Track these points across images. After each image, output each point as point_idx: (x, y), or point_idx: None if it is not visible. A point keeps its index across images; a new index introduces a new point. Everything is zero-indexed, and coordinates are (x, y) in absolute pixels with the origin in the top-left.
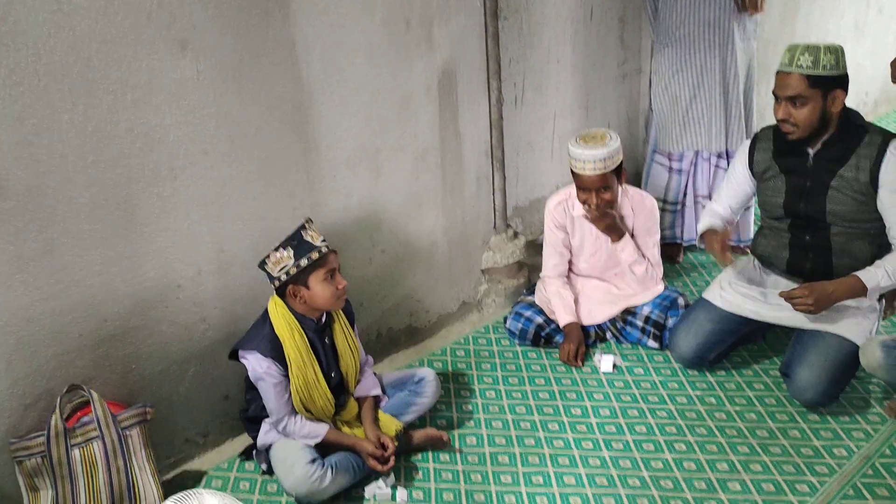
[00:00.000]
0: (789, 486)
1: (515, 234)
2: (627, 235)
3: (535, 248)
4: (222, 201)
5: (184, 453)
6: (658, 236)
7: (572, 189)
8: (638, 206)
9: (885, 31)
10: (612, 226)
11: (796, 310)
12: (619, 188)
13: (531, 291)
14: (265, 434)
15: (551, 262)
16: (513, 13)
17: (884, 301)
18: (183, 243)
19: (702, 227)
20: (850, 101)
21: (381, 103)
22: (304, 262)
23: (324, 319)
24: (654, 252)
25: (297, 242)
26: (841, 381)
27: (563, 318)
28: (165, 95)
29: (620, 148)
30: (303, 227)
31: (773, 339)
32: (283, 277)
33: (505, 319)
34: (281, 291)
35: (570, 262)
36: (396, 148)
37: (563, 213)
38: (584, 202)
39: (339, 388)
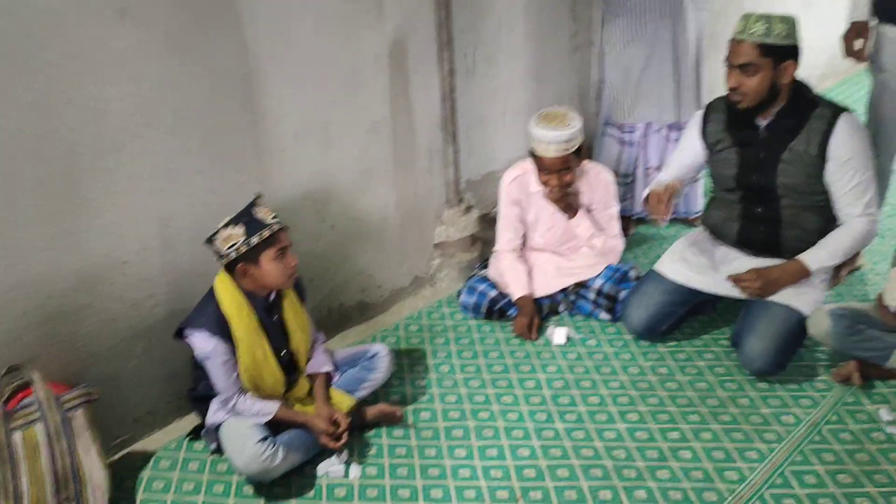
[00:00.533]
0: (739, 454)
1: (468, 208)
2: (583, 211)
3: (487, 221)
4: (167, 175)
5: (132, 433)
6: (616, 210)
7: (528, 164)
8: (595, 180)
9: (832, 4)
10: (569, 203)
11: (743, 293)
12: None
13: (484, 265)
14: (214, 413)
15: (505, 236)
16: None
17: (831, 270)
18: (128, 218)
19: (646, 191)
20: (797, 76)
21: (330, 74)
22: (255, 239)
23: (273, 297)
24: (614, 225)
25: (248, 220)
26: (789, 350)
27: (517, 291)
28: (108, 66)
29: (582, 129)
30: (253, 203)
31: (723, 309)
32: (233, 255)
33: (458, 294)
34: (230, 269)
35: (524, 237)
36: (346, 120)
37: (519, 188)
38: (544, 183)
39: (290, 366)
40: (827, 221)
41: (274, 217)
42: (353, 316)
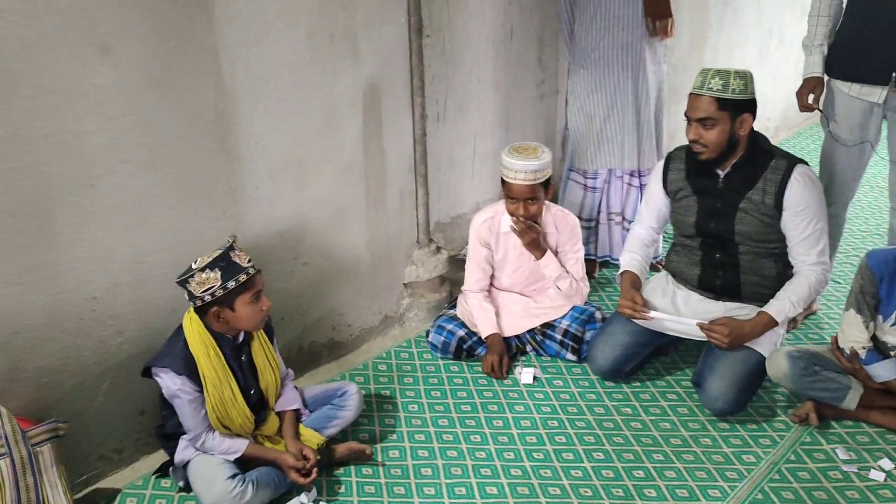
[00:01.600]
0: (702, 492)
1: (438, 249)
2: (550, 252)
3: (456, 262)
4: (141, 211)
5: (98, 470)
6: (581, 252)
7: (498, 206)
8: (561, 222)
9: (786, 59)
10: (536, 243)
11: (710, 341)
12: (545, 204)
13: (453, 305)
14: (183, 450)
15: (474, 277)
16: (436, 31)
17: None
18: (100, 254)
19: (624, 263)
20: (754, 127)
21: (305, 115)
22: (231, 284)
23: (241, 338)
24: (578, 267)
25: (225, 264)
26: (749, 390)
27: (486, 329)
28: (86, 102)
29: (551, 163)
30: (231, 247)
31: (684, 350)
32: (208, 298)
33: (427, 333)
34: (201, 311)
35: (492, 277)
36: (320, 160)
37: (489, 230)
38: (512, 213)
39: (259, 405)
40: (784, 267)
41: (249, 261)
42: (323, 354)
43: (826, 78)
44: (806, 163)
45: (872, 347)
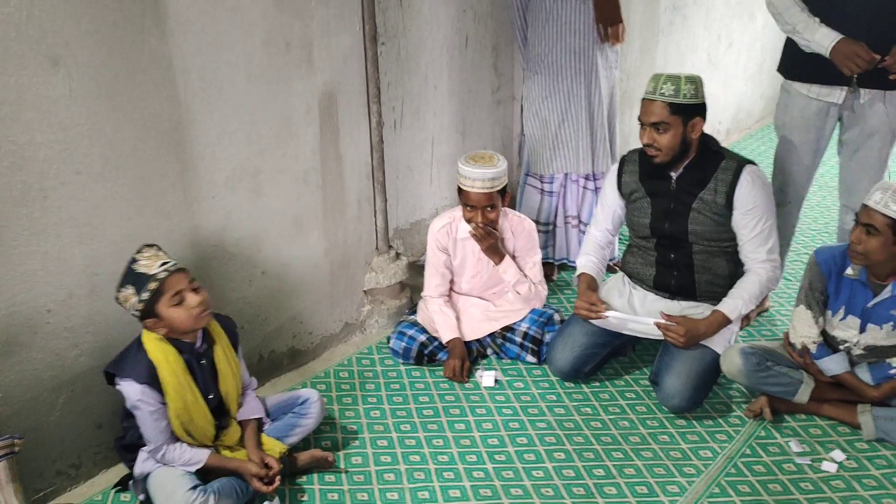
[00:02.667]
0: (661, 488)
1: (397, 256)
2: (508, 257)
3: (416, 268)
4: (95, 223)
5: (55, 486)
6: (539, 256)
7: (455, 212)
8: (517, 228)
9: (735, 63)
10: (495, 248)
11: (666, 340)
12: (502, 210)
13: (413, 311)
14: (143, 462)
15: (433, 282)
16: (391, 38)
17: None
18: (53, 266)
19: (580, 266)
20: (705, 129)
21: (261, 123)
22: (145, 295)
23: (201, 342)
24: (536, 271)
25: (132, 278)
26: (705, 387)
27: (446, 334)
28: (35, 113)
29: (507, 171)
30: (133, 260)
31: (641, 350)
32: (136, 314)
33: (388, 339)
34: (144, 325)
35: (451, 282)
36: (277, 169)
37: (447, 235)
38: (469, 220)
39: (220, 411)
40: (736, 265)
41: (163, 264)
42: (284, 363)
43: (781, 80)
44: (755, 163)
45: (822, 342)
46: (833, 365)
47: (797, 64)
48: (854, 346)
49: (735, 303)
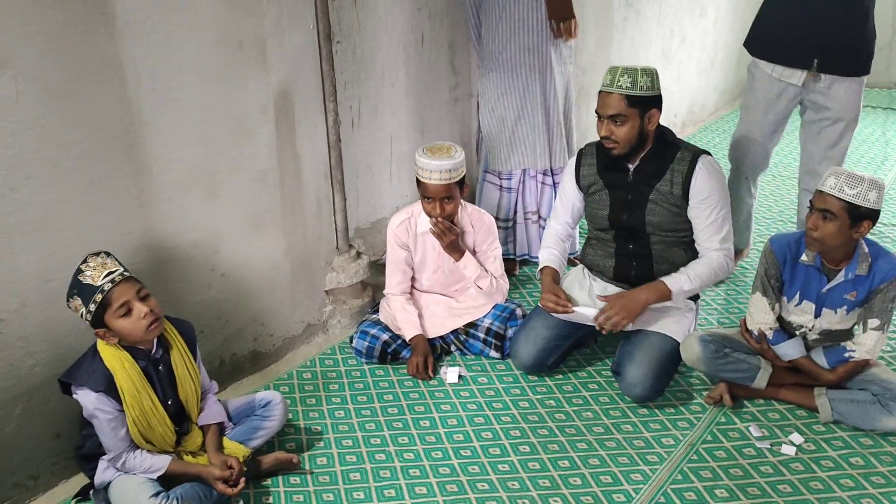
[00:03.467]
0: (625, 477)
1: (358, 255)
2: (468, 253)
3: (378, 267)
4: (47, 228)
5: (13, 498)
6: (499, 250)
7: (414, 207)
8: (477, 221)
9: (688, 58)
10: (455, 245)
11: (615, 330)
12: (461, 204)
13: (376, 310)
14: (103, 471)
15: (394, 279)
16: (346, 37)
17: (699, 301)
18: (5, 274)
19: (542, 259)
20: (661, 122)
21: (215, 124)
22: (92, 306)
23: (158, 347)
24: (497, 265)
25: (79, 289)
26: (665, 375)
27: (409, 331)
28: None
29: (464, 162)
30: (79, 270)
31: (603, 341)
32: (88, 323)
33: (351, 339)
34: (96, 334)
35: (412, 279)
36: (233, 169)
37: (406, 231)
38: (429, 213)
39: (179, 417)
40: (693, 255)
41: (108, 274)
42: (246, 366)
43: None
44: (710, 154)
45: (779, 328)
46: (789, 350)
47: (763, 42)
48: (810, 330)
49: (679, 277)
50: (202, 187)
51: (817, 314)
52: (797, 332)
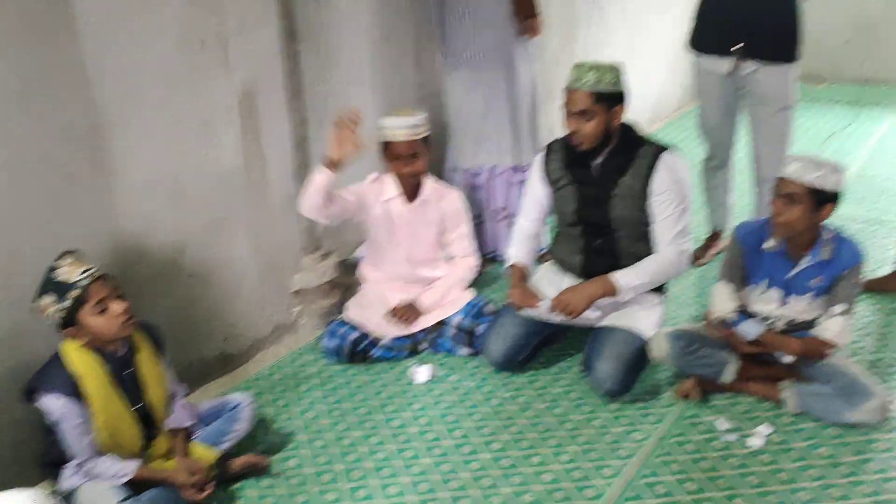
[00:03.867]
0: (596, 471)
1: (326, 254)
2: (428, 296)
3: (346, 267)
4: (8, 232)
5: None
6: (467, 227)
7: (384, 176)
8: (446, 195)
9: (652, 54)
10: (413, 188)
11: (569, 320)
12: (429, 177)
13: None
14: (69, 478)
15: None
16: (310, 35)
17: (665, 295)
18: None
19: (511, 257)
20: (627, 118)
21: (180, 124)
22: (66, 303)
23: (125, 351)
24: (465, 244)
25: (52, 286)
26: (634, 371)
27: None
28: None
29: (427, 123)
30: (51, 268)
31: (573, 338)
32: (58, 322)
33: (319, 339)
34: (65, 334)
35: (380, 260)
36: (198, 170)
37: (375, 190)
38: (399, 173)
39: (148, 421)
40: None
41: (84, 271)
42: (215, 368)
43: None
44: (674, 149)
45: (741, 313)
46: (750, 328)
47: (694, 36)
48: (777, 320)
49: (628, 272)
50: (168, 189)
51: (784, 302)
52: (765, 324)
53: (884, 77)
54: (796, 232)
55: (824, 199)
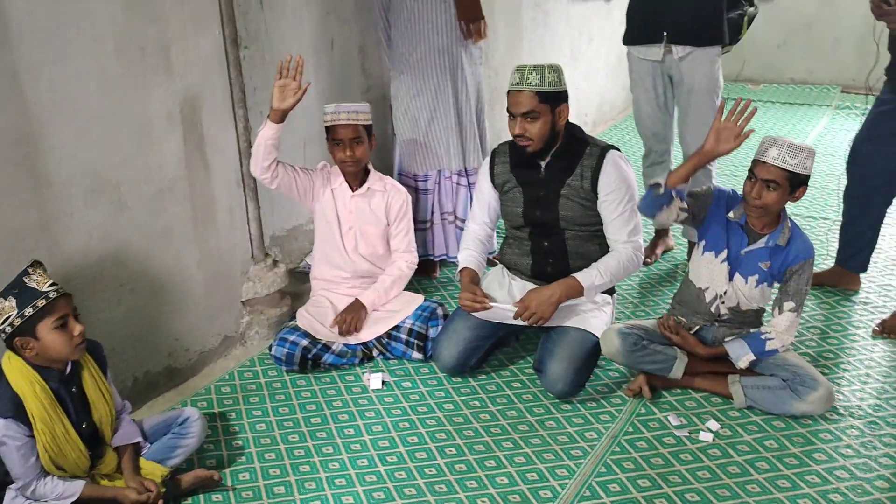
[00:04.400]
0: (550, 473)
1: (275, 263)
2: (369, 294)
3: (296, 276)
4: None
5: None
6: (408, 225)
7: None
8: (393, 190)
9: (596, 57)
10: (356, 175)
11: (533, 325)
12: (379, 175)
13: (293, 317)
14: (11, 501)
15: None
16: (253, 42)
17: (615, 295)
18: None
19: (461, 261)
20: (573, 121)
21: (120, 133)
22: (28, 311)
23: (69, 368)
24: (407, 240)
25: (18, 290)
26: (586, 370)
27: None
28: None
29: (370, 113)
30: (25, 272)
31: (525, 339)
32: (8, 330)
33: (270, 348)
34: (9, 344)
35: (323, 258)
36: (140, 180)
37: (325, 176)
38: (341, 160)
39: (94, 440)
40: (607, 249)
41: (52, 284)
42: (161, 383)
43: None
44: (618, 148)
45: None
46: (662, 217)
47: (628, 29)
48: (721, 302)
49: (590, 272)
50: (108, 200)
51: (731, 277)
52: (712, 309)
53: (818, 78)
54: (771, 214)
55: (799, 182)
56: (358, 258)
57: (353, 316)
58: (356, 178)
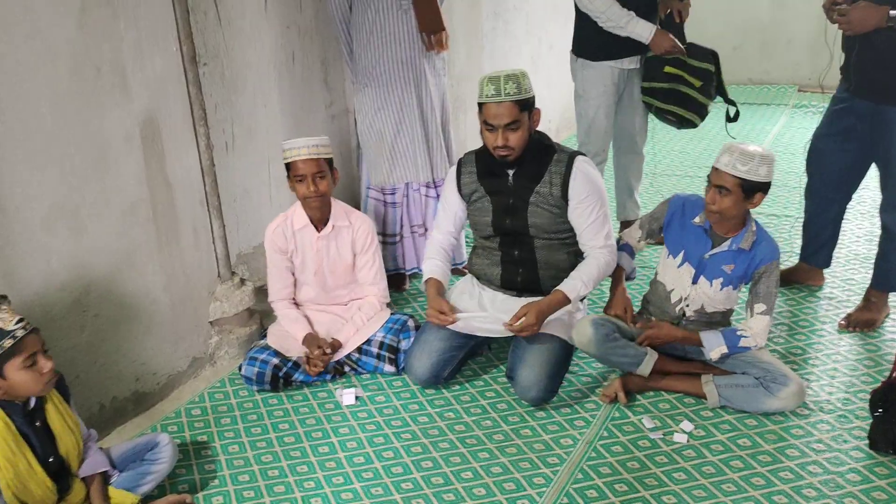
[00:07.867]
0: (527, 482)
1: (242, 282)
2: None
3: (264, 293)
4: None
5: None
6: (373, 256)
7: (288, 211)
8: (358, 222)
9: (556, 64)
10: (324, 217)
11: (525, 336)
12: (344, 207)
13: (264, 336)
14: None
15: (277, 285)
16: (212, 58)
17: (586, 301)
18: None
19: (426, 271)
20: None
21: (76, 156)
22: None
23: (33, 403)
24: (374, 272)
25: None
26: (558, 375)
27: (300, 331)
28: None
29: (330, 146)
30: None
31: (497, 348)
32: None
33: (240, 368)
34: None
35: (296, 289)
36: (99, 203)
37: (283, 235)
38: (303, 196)
39: (61, 473)
40: (576, 258)
41: (18, 321)
42: (129, 408)
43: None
44: (585, 155)
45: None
46: (625, 262)
47: (583, 45)
48: (686, 305)
49: (575, 283)
50: (67, 225)
51: (695, 280)
52: (675, 308)
53: (775, 78)
54: (728, 219)
55: (754, 189)
56: (326, 292)
57: (325, 354)
58: (320, 216)
